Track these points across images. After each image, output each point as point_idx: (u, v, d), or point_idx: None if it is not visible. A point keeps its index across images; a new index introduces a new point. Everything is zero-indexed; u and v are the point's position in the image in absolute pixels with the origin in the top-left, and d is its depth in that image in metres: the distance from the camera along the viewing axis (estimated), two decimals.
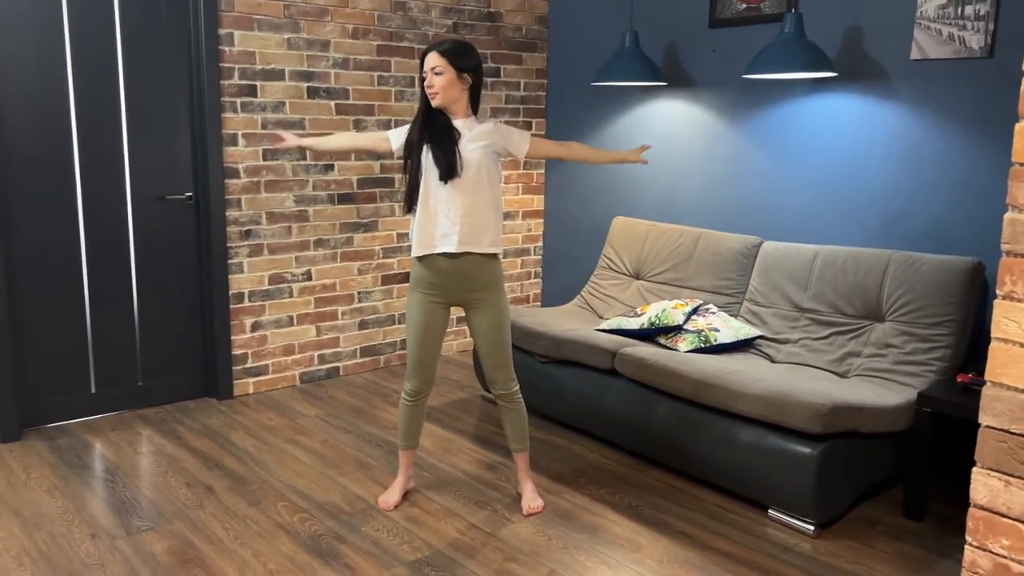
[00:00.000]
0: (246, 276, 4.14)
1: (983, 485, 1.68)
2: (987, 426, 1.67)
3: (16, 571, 2.58)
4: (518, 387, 3.02)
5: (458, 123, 2.83)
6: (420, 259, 2.87)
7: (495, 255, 2.88)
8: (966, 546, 1.72)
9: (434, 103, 2.78)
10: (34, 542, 2.76)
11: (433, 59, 2.77)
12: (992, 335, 1.65)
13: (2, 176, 3.50)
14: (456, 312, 4.96)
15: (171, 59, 3.86)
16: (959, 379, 2.99)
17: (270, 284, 4.23)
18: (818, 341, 3.47)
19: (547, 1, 5.04)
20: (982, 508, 1.69)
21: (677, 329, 3.61)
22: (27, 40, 3.49)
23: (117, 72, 3.73)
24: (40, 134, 3.58)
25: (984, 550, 1.69)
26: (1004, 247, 1.61)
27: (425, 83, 2.79)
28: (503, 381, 2.97)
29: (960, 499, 3.17)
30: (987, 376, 1.65)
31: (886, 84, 3.54)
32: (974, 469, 1.69)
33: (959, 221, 3.38)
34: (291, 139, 3.04)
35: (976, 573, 1.71)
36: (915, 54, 3.41)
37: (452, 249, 2.81)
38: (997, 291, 1.63)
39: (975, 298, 3.19)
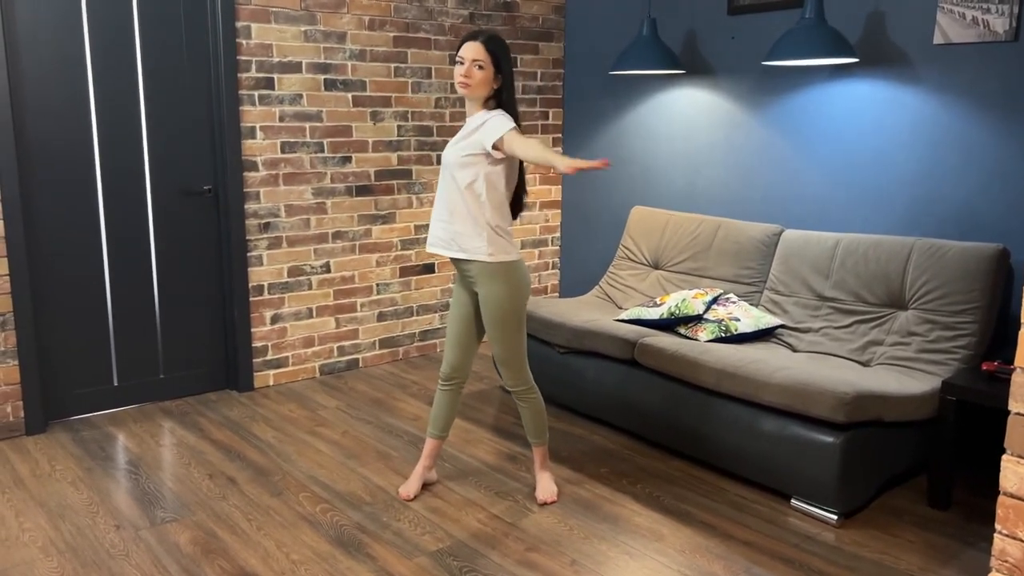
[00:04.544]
0: (265, 268, 4.16)
1: (1013, 473, 1.66)
2: (1017, 413, 1.64)
3: (43, 561, 2.61)
4: (528, 388, 2.96)
5: (470, 119, 2.78)
6: None
7: (477, 261, 2.79)
8: (995, 534, 1.70)
9: (462, 93, 2.74)
10: (60, 533, 2.78)
11: (477, 51, 2.69)
12: (1022, 321, 1.62)
13: (23, 171, 3.52)
14: None
15: (189, 52, 3.87)
16: (984, 367, 2.95)
17: (289, 276, 4.24)
18: (840, 330, 3.44)
19: None
20: (1012, 496, 1.66)
21: (697, 319, 3.58)
22: (46, 34, 3.51)
23: (136, 66, 3.74)
24: (61, 129, 3.60)
25: (1014, 538, 1.67)
26: None
27: (459, 71, 2.70)
28: (506, 378, 2.94)
29: (986, 488, 3.14)
30: (1017, 363, 1.63)
31: (909, 69, 3.50)
32: (1004, 456, 1.67)
33: (984, 207, 3.33)
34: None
35: (1005, 562, 1.69)
36: (938, 38, 3.36)
37: (428, 248, 2.87)
38: None
39: (1000, 285, 3.15)
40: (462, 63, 2.71)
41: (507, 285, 2.79)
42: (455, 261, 2.86)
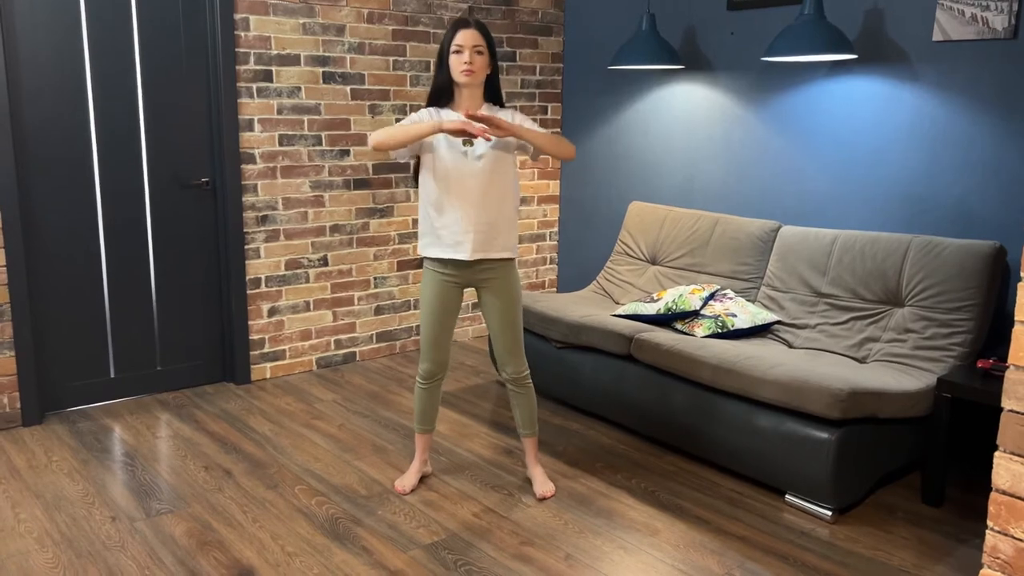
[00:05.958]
0: (263, 261, 4.15)
1: (1006, 470, 1.66)
2: (1010, 410, 1.65)
3: (38, 552, 2.61)
4: (529, 372, 3.00)
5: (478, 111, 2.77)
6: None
7: (507, 257, 2.84)
8: (987, 531, 1.70)
9: (466, 81, 2.68)
10: (55, 524, 2.79)
11: (476, 37, 2.67)
12: (1016, 318, 1.62)
13: (21, 163, 3.52)
14: (470, 298, 4.97)
15: (187, 44, 3.86)
16: (979, 364, 2.96)
17: (286, 269, 4.24)
18: (836, 326, 3.45)
19: None
20: (1004, 493, 1.67)
21: (694, 314, 3.59)
22: (45, 26, 3.50)
23: (134, 58, 3.74)
24: (58, 120, 3.59)
25: (1006, 535, 1.67)
26: None
27: (462, 59, 2.66)
28: (514, 364, 2.95)
29: (979, 485, 3.14)
30: (1011, 360, 1.63)
31: (907, 66, 3.49)
32: (996, 453, 1.67)
33: (981, 204, 3.34)
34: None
35: (997, 558, 1.70)
36: (937, 35, 3.36)
37: (465, 257, 2.76)
38: (1021, 274, 1.61)
39: (996, 282, 3.15)
40: (460, 51, 2.67)
41: (516, 271, 2.91)
42: (477, 261, 2.81)
